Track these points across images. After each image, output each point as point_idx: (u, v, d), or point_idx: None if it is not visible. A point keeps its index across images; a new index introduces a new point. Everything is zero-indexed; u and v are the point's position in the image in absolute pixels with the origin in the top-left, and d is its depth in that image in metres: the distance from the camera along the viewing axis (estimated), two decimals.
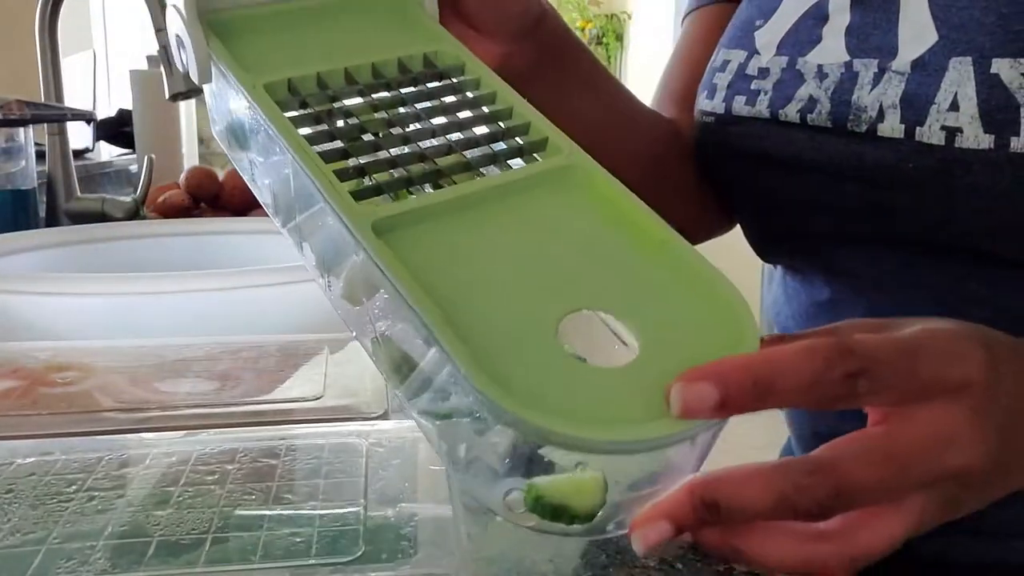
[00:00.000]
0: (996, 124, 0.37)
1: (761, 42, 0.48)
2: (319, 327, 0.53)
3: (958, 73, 0.38)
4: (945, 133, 0.38)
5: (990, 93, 0.37)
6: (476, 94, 0.33)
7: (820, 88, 0.44)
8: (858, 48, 0.43)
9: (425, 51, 0.35)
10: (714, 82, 0.50)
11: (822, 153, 0.44)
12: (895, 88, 0.41)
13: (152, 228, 0.76)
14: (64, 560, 0.25)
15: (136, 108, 1.46)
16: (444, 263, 0.27)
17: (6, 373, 0.42)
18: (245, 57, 0.33)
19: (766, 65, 0.47)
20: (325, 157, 0.29)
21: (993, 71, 0.37)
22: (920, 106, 0.39)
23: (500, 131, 0.32)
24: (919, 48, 0.40)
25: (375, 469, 0.31)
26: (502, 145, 0.32)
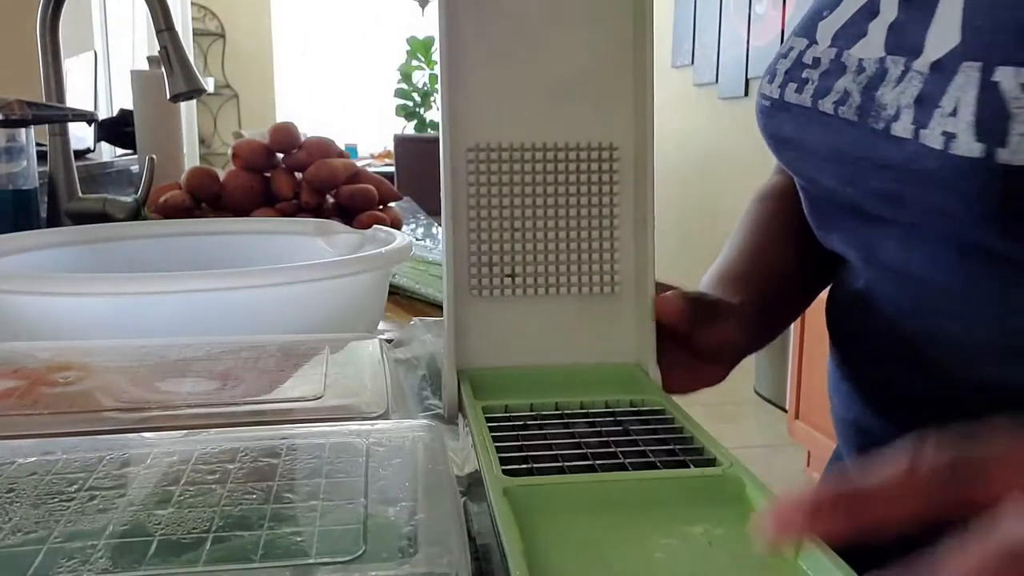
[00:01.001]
0: (987, 133, 0.37)
1: (821, 33, 0.48)
2: (319, 327, 0.53)
3: (965, 78, 0.38)
4: (944, 138, 0.38)
5: (987, 101, 0.37)
6: (662, 426, 0.37)
7: (855, 82, 0.44)
8: (894, 45, 0.43)
9: (632, 398, 0.40)
10: (776, 67, 0.51)
11: (850, 146, 0.44)
12: (914, 88, 0.41)
13: (153, 228, 0.76)
14: (65, 559, 0.25)
15: (137, 108, 1.46)
16: (566, 545, 0.28)
17: (7, 373, 0.42)
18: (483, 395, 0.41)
19: (819, 55, 0.48)
20: (497, 440, 0.35)
21: (995, 79, 0.37)
22: (928, 108, 0.39)
23: (668, 441, 0.35)
24: (941, 50, 0.40)
25: (375, 468, 0.31)
26: (660, 447, 0.35)
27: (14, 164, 0.91)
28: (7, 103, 0.88)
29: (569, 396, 0.41)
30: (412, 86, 4.69)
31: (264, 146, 1.06)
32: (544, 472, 0.32)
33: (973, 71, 0.38)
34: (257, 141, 1.08)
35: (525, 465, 0.33)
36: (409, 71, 4.69)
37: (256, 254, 0.74)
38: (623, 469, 0.33)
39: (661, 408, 0.39)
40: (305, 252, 0.72)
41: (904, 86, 0.41)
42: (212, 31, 4.83)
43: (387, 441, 0.33)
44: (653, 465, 0.33)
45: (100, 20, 3.15)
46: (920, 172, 0.40)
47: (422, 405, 0.51)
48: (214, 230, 0.76)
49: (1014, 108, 0.36)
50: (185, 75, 0.98)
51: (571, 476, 0.32)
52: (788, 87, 0.49)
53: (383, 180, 1.12)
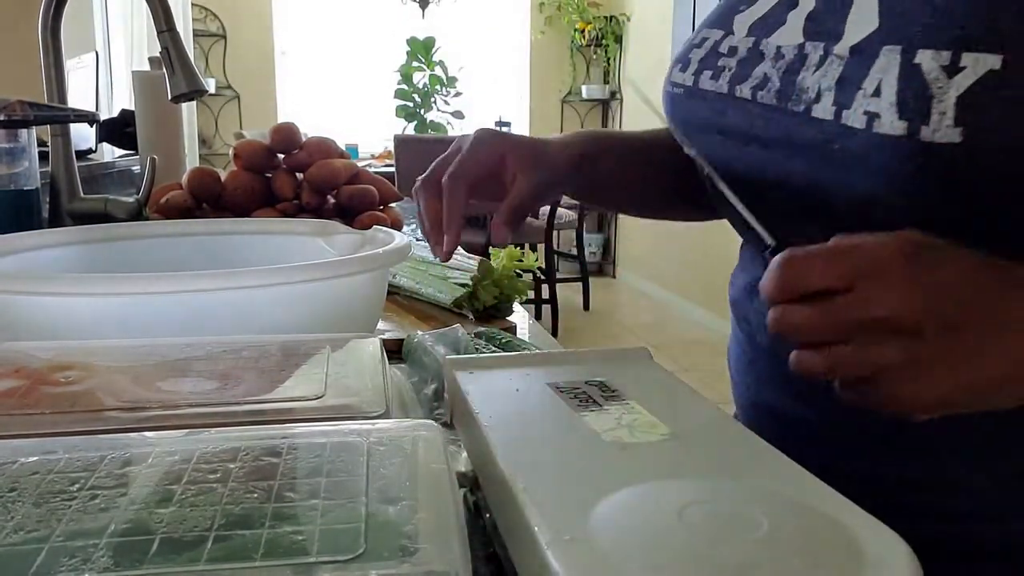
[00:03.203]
0: (909, 112, 0.39)
1: (738, 24, 0.51)
2: (319, 327, 0.53)
3: (887, 60, 0.40)
4: (867, 118, 0.40)
5: (909, 82, 0.39)
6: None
7: (774, 68, 0.47)
8: (813, 32, 0.45)
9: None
10: (689, 56, 0.54)
11: (768, 130, 0.47)
12: (834, 71, 0.43)
13: (154, 228, 0.76)
14: (67, 558, 0.25)
15: (138, 109, 1.46)
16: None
17: (8, 373, 0.42)
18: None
19: (736, 44, 0.50)
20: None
21: (916, 61, 0.39)
22: (849, 90, 0.41)
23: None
24: (860, 34, 0.42)
25: (376, 467, 0.31)
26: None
27: (16, 164, 0.91)
28: (9, 104, 0.88)
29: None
30: (412, 87, 4.69)
31: (265, 147, 1.06)
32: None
33: (894, 54, 0.40)
34: (258, 142, 1.08)
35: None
36: (409, 72, 4.69)
37: (256, 254, 0.74)
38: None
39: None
40: (305, 252, 0.72)
41: (825, 70, 0.43)
42: (213, 32, 4.83)
43: (387, 440, 0.33)
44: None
45: (101, 21, 3.15)
46: (841, 152, 0.42)
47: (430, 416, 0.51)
48: (215, 230, 0.77)
49: (935, 88, 0.38)
50: (186, 76, 0.98)
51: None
52: (703, 75, 0.51)
53: (383, 180, 1.13)
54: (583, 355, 0.48)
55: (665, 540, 0.27)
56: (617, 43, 5.03)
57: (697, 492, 0.30)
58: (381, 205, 1.09)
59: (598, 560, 0.26)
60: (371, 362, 0.45)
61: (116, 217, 1.00)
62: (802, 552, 0.26)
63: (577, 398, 0.40)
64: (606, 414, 0.38)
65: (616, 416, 0.38)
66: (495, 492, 0.34)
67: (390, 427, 0.35)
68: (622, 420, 0.37)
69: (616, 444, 0.35)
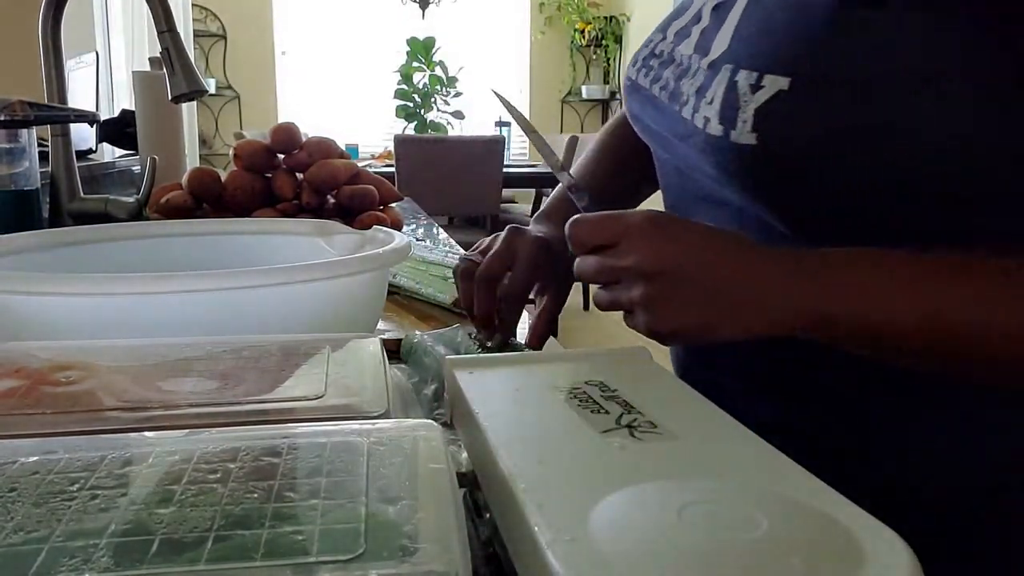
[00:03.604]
0: (725, 118, 0.48)
1: (671, 31, 0.60)
2: (319, 327, 0.53)
3: (722, 76, 0.49)
4: (704, 120, 0.50)
5: (728, 94, 0.48)
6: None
7: (673, 73, 0.56)
8: (698, 45, 0.54)
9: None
10: (639, 55, 0.63)
11: (665, 123, 0.56)
12: (697, 81, 0.52)
13: (154, 228, 0.76)
14: (67, 558, 0.25)
15: (139, 109, 1.46)
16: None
17: (8, 373, 0.42)
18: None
19: (664, 49, 0.59)
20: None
21: (736, 79, 0.48)
22: (700, 97, 0.51)
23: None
24: (717, 52, 0.51)
25: (376, 467, 0.31)
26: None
27: (16, 165, 0.91)
28: (9, 104, 0.88)
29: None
30: (412, 87, 4.69)
31: (265, 147, 1.06)
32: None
33: (727, 71, 0.49)
34: (258, 142, 1.08)
35: None
36: (409, 72, 4.69)
37: (257, 254, 0.74)
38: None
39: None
40: (305, 252, 0.72)
41: (693, 79, 0.53)
42: (213, 32, 4.83)
43: (387, 440, 0.33)
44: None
45: (102, 21, 3.15)
46: (695, 144, 0.52)
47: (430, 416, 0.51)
48: (215, 230, 0.77)
49: (742, 101, 0.47)
50: (187, 76, 0.98)
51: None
52: (641, 72, 0.61)
53: (383, 180, 1.13)
54: (583, 355, 0.48)
55: (665, 540, 0.27)
56: (617, 43, 5.03)
57: (697, 492, 0.30)
58: (381, 205, 1.09)
59: (598, 560, 0.26)
60: (371, 362, 0.45)
61: (116, 217, 1.00)
62: (802, 552, 0.26)
63: (577, 398, 0.40)
64: (606, 414, 0.38)
65: (616, 416, 0.38)
66: (495, 492, 0.34)
67: (390, 427, 0.35)
68: (622, 420, 0.37)
69: (616, 444, 0.35)
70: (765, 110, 0.46)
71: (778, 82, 0.46)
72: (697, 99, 0.51)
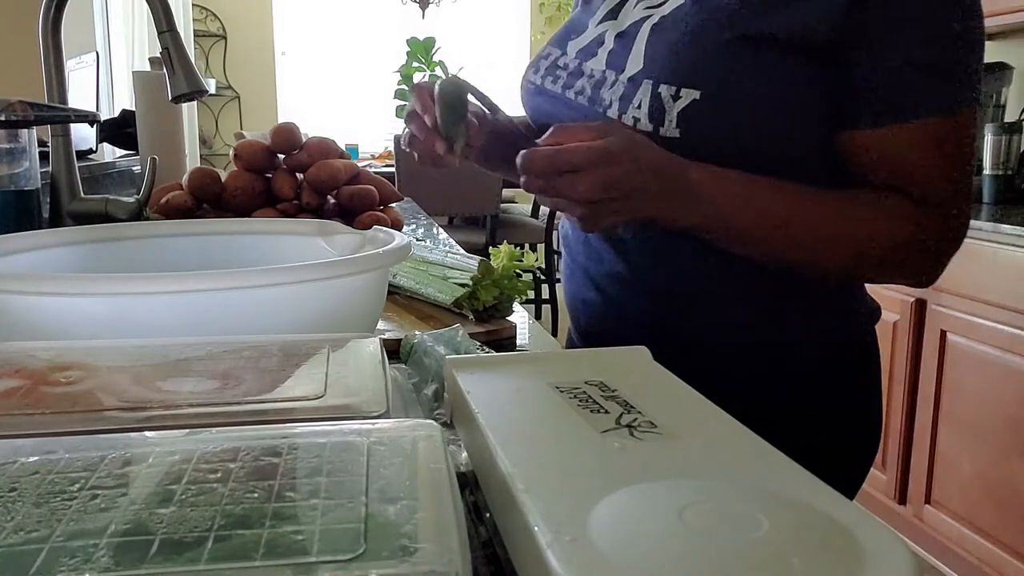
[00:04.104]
0: (654, 119, 0.67)
1: (571, 48, 0.79)
2: (319, 327, 0.53)
3: (644, 88, 0.68)
4: (634, 120, 0.69)
5: (654, 102, 0.68)
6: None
7: (588, 82, 0.74)
8: (610, 63, 0.73)
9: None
10: (539, 63, 0.81)
11: (583, 120, 0.70)
12: (618, 90, 0.71)
13: (154, 229, 0.76)
14: (67, 558, 0.25)
15: (139, 109, 1.46)
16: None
17: (9, 373, 0.42)
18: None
19: (568, 63, 0.78)
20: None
21: (659, 91, 0.67)
22: (625, 103, 0.69)
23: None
24: (633, 70, 0.70)
25: (376, 467, 0.31)
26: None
27: (16, 165, 0.91)
28: (9, 104, 0.88)
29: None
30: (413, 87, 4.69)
31: (265, 147, 1.06)
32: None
33: (649, 85, 0.68)
34: (258, 142, 1.08)
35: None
36: (410, 72, 4.69)
37: (257, 254, 0.74)
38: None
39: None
40: (305, 252, 0.72)
41: (615, 89, 0.71)
42: (214, 32, 4.83)
43: (387, 440, 0.33)
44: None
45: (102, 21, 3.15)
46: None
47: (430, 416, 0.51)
48: (215, 230, 0.77)
49: (667, 107, 0.67)
50: (187, 76, 0.98)
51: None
52: (547, 79, 0.79)
53: (384, 181, 1.13)
54: (583, 355, 0.48)
55: (665, 540, 0.27)
56: None
57: (697, 492, 0.30)
58: (381, 205, 1.09)
59: (598, 560, 0.26)
60: (371, 362, 0.45)
61: (116, 217, 1.00)
62: (802, 552, 0.26)
63: (577, 398, 0.40)
64: (606, 414, 0.38)
65: (616, 416, 0.38)
66: (495, 492, 0.34)
67: (390, 427, 0.35)
68: (622, 420, 0.37)
69: (616, 444, 0.35)
70: (684, 113, 0.66)
71: (692, 93, 0.66)
72: (623, 104, 0.69)
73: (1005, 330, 1.80)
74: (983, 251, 1.82)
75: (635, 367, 0.46)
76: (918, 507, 2.08)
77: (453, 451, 0.41)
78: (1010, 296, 1.78)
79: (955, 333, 1.94)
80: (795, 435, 0.68)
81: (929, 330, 2.01)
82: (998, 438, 1.83)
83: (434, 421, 0.36)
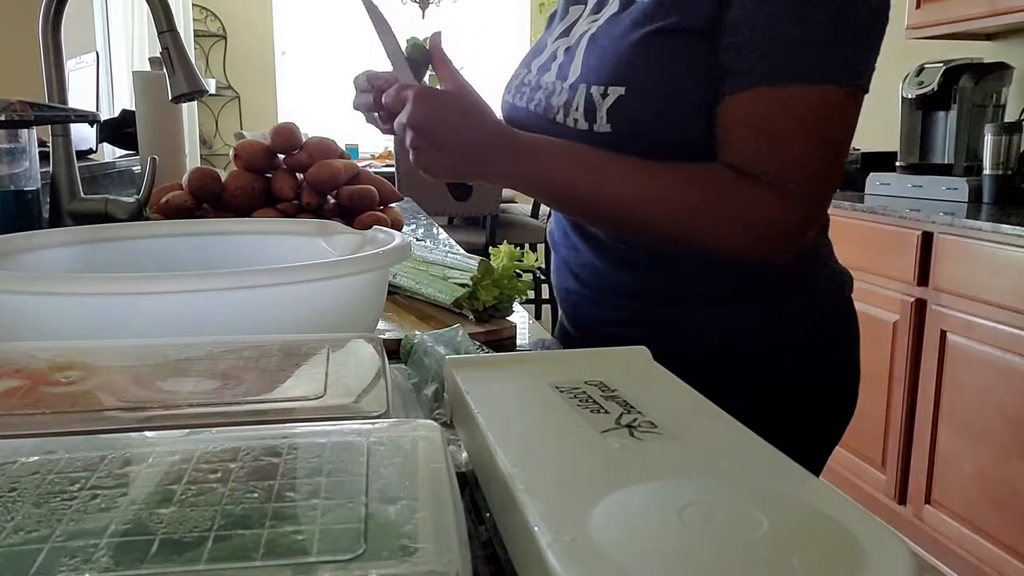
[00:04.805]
0: (589, 118, 0.75)
1: (533, 66, 0.87)
2: (319, 327, 0.53)
3: (581, 92, 0.76)
4: (574, 121, 0.76)
5: (588, 103, 0.75)
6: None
7: (543, 94, 0.82)
8: (558, 75, 0.81)
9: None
10: (512, 83, 0.90)
11: (543, 128, 0.79)
12: (562, 97, 0.78)
13: (154, 229, 0.76)
14: (67, 558, 0.25)
15: (139, 109, 1.46)
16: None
17: (9, 373, 0.42)
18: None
19: (531, 79, 0.86)
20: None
21: (590, 92, 0.74)
22: (568, 107, 0.77)
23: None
24: (573, 78, 0.78)
25: (376, 467, 0.31)
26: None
27: (16, 165, 0.91)
28: (9, 104, 0.88)
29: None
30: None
31: (265, 147, 1.06)
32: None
33: (584, 88, 0.75)
34: (258, 142, 1.08)
35: None
36: None
37: (257, 254, 0.74)
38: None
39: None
40: (305, 252, 0.72)
41: (560, 96, 0.78)
42: (214, 32, 4.83)
43: (387, 440, 0.33)
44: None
45: (102, 21, 3.15)
46: (570, 137, 0.76)
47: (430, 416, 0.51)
48: (215, 230, 0.77)
49: (598, 105, 0.74)
50: (187, 76, 0.98)
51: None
52: (516, 96, 0.87)
53: (384, 181, 1.13)
54: (583, 355, 0.48)
55: (665, 540, 0.27)
56: None
57: (697, 492, 0.30)
58: (381, 205, 1.09)
59: (598, 560, 0.26)
60: (371, 362, 0.45)
61: (116, 217, 1.00)
62: (802, 552, 0.26)
63: (577, 398, 0.40)
64: (606, 414, 0.38)
65: (616, 416, 0.38)
66: (495, 492, 0.34)
67: (390, 427, 0.35)
68: (622, 420, 0.37)
69: (616, 444, 0.35)
70: (613, 109, 0.73)
71: (617, 90, 0.73)
72: (566, 109, 0.77)
73: (1005, 330, 1.80)
74: (983, 251, 1.82)
75: (635, 367, 0.46)
76: (918, 507, 2.08)
77: (453, 451, 0.41)
78: (1010, 296, 1.78)
79: (955, 333, 1.94)
80: (773, 405, 0.75)
81: (929, 330, 2.01)
82: (998, 438, 1.83)
83: (434, 421, 0.36)
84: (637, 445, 0.35)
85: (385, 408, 0.38)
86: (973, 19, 2.22)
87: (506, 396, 0.42)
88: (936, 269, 1.94)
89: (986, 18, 2.19)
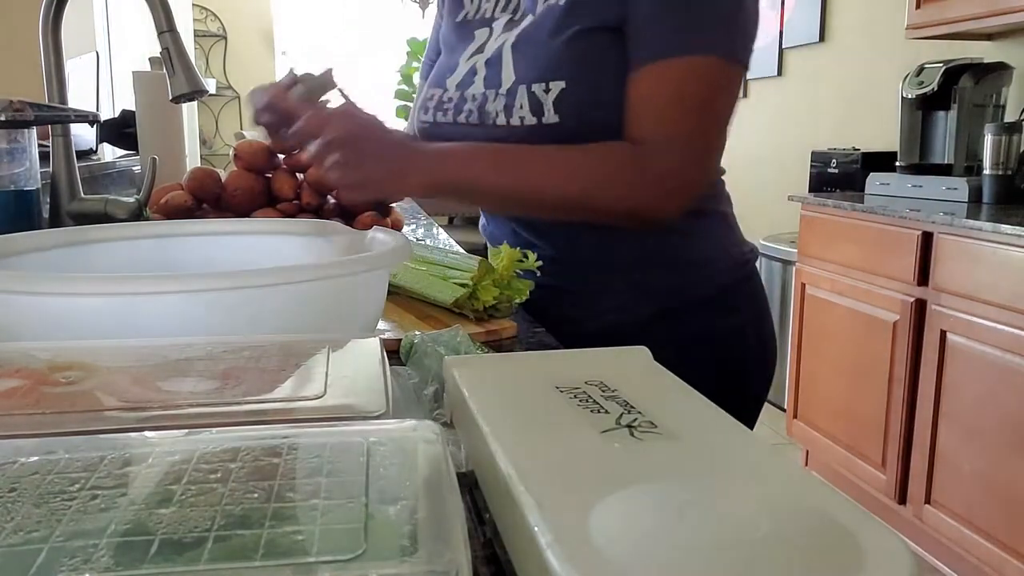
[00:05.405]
0: (536, 113, 0.83)
1: (450, 84, 0.94)
2: (319, 327, 0.53)
3: (521, 93, 0.84)
4: (520, 119, 0.84)
5: (532, 100, 0.83)
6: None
7: (473, 104, 0.90)
8: (487, 84, 0.89)
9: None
10: (427, 105, 0.97)
11: (478, 136, 0.87)
12: (500, 102, 0.86)
13: (154, 229, 0.76)
14: (67, 558, 0.25)
15: (139, 109, 1.46)
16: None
17: (9, 373, 0.42)
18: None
19: (452, 96, 0.93)
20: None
21: (532, 90, 0.83)
22: (510, 109, 0.85)
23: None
24: (508, 83, 0.86)
25: (376, 467, 0.31)
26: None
27: (16, 165, 0.91)
28: (9, 104, 0.88)
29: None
30: (412, 87, 4.69)
31: (265, 147, 1.06)
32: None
33: (524, 89, 0.84)
34: (258, 142, 1.08)
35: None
36: (410, 73, 4.69)
37: (257, 254, 0.74)
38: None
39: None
40: (305, 252, 0.72)
41: (497, 102, 0.86)
42: (214, 32, 4.83)
43: (388, 440, 0.33)
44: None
45: (102, 21, 3.15)
46: (514, 136, 0.84)
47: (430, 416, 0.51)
48: (215, 230, 0.77)
49: (543, 100, 0.82)
50: (187, 76, 0.98)
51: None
52: (437, 114, 0.94)
53: None
54: (583, 355, 0.48)
55: (665, 540, 0.27)
56: None
57: (697, 492, 0.30)
58: None
59: (598, 560, 0.26)
60: (371, 362, 0.45)
61: (116, 217, 1.00)
62: (802, 552, 0.26)
63: (577, 398, 0.40)
64: (606, 414, 0.38)
65: (616, 416, 0.38)
66: (495, 492, 0.34)
67: (390, 427, 0.35)
68: (622, 420, 0.37)
69: (616, 444, 0.35)
70: (558, 102, 0.82)
71: (559, 84, 0.82)
72: (507, 111, 0.85)
73: (1005, 330, 1.80)
74: (983, 251, 1.82)
75: (635, 367, 0.46)
76: (918, 507, 2.08)
77: (453, 451, 0.41)
78: (1010, 296, 1.78)
79: (955, 333, 1.94)
80: (704, 356, 0.89)
81: (929, 330, 2.01)
82: (998, 438, 1.83)
83: (434, 421, 0.36)
84: (637, 445, 0.35)
85: (385, 408, 0.38)
86: (973, 19, 2.23)
87: (506, 396, 0.42)
88: (936, 269, 1.94)
89: (986, 18, 2.19)
